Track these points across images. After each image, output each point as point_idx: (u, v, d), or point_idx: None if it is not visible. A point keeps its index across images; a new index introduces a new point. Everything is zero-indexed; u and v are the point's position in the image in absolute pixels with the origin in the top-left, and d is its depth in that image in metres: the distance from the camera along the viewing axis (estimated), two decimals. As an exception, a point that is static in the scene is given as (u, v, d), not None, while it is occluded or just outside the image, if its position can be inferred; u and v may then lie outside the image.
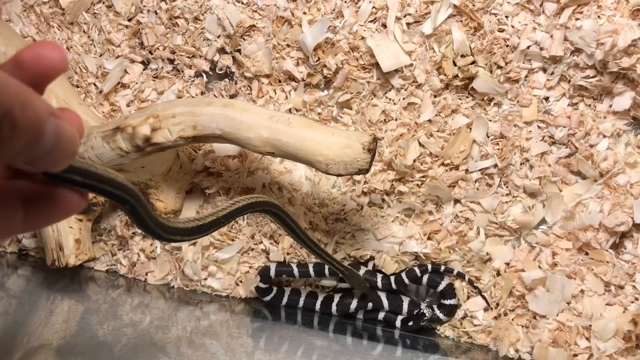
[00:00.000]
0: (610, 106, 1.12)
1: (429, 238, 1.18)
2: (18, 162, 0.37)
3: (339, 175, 0.98)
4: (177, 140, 1.05)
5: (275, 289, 1.25)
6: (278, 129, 0.99)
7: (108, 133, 1.09)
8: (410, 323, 1.17)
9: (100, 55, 1.36)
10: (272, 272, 1.22)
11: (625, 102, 1.10)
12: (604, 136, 1.12)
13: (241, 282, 1.28)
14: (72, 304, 1.22)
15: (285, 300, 1.25)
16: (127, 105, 1.33)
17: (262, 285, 1.23)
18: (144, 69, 1.34)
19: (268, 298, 1.24)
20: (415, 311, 1.17)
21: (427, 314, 1.15)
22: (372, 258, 1.21)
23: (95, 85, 1.35)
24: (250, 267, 1.27)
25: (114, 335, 1.09)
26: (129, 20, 1.35)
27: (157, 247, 1.31)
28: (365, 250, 1.20)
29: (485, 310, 1.16)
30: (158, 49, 1.32)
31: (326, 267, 1.20)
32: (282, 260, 1.24)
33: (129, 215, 0.53)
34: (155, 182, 1.21)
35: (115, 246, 1.34)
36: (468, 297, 1.18)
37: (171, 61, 1.33)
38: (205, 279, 1.28)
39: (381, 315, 1.21)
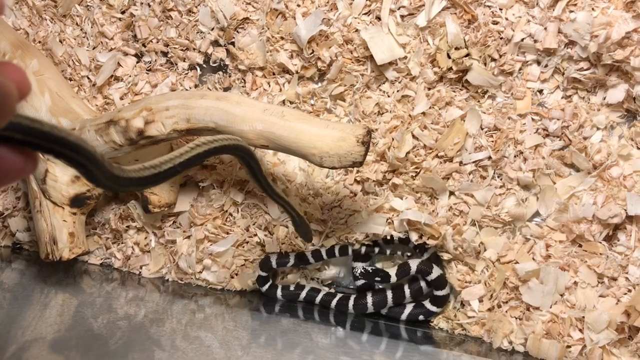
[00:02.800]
0: (604, 98, 1.12)
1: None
2: None
3: (333, 168, 0.98)
4: (171, 133, 1.05)
5: (279, 285, 1.26)
6: (272, 122, 0.99)
7: (101, 126, 1.09)
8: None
9: (94, 48, 1.35)
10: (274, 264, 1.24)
11: (618, 94, 1.10)
12: (598, 128, 1.12)
13: (236, 274, 1.28)
14: (66, 298, 1.22)
15: (302, 296, 1.25)
16: (121, 99, 1.33)
17: (263, 274, 1.24)
18: (137, 62, 1.34)
19: (279, 294, 1.25)
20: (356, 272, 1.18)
21: (358, 271, 1.17)
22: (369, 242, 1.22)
23: (88, 78, 1.35)
24: (245, 260, 1.27)
25: (109, 328, 1.09)
26: (122, 12, 1.34)
27: (151, 241, 1.31)
28: (359, 234, 1.20)
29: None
30: (151, 41, 1.32)
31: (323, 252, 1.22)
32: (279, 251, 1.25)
33: (83, 175, 0.49)
34: (149, 176, 1.20)
35: (110, 239, 1.34)
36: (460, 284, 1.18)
37: (165, 54, 1.32)
38: (200, 272, 1.28)
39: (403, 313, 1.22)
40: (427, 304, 1.19)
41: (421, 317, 1.20)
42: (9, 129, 0.39)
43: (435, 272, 1.15)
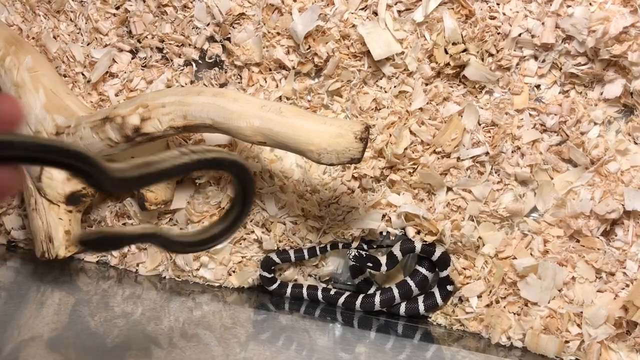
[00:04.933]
0: (601, 93, 1.12)
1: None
2: None
3: (331, 164, 0.98)
4: (167, 130, 1.04)
5: (289, 283, 1.26)
6: (269, 118, 0.98)
7: (97, 123, 1.08)
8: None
9: (88, 44, 1.34)
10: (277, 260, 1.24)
11: (616, 89, 1.10)
12: (595, 123, 1.12)
13: (234, 272, 1.28)
14: (62, 296, 1.21)
15: (304, 293, 1.25)
16: (116, 95, 1.31)
17: (268, 275, 1.24)
18: (132, 58, 1.33)
19: (287, 294, 1.25)
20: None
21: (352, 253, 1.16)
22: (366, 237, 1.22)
23: (83, 74, 1.33)
24: (242, 257, 1.26)
25: (106, 326, 1.08)
26: (117, 8, 1.33)
27: (148, 238, 1.30)
28: (356, 230, 1.20)
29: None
30: (146, 37, 1.30)
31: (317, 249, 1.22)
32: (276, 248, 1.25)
33: (83, 179, 0.50)
34: (145, 173, 1.19)
35: (106, 237, 1.33)
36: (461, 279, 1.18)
37: (160, 50, 1.31)
38: (197, 269, 1.28)
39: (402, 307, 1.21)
40: (436, 291, 1.19)
41: (440, 302, 1.19)
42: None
43: (438, 250, 1.16)
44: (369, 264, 1.16)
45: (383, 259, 1.16)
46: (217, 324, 1.14)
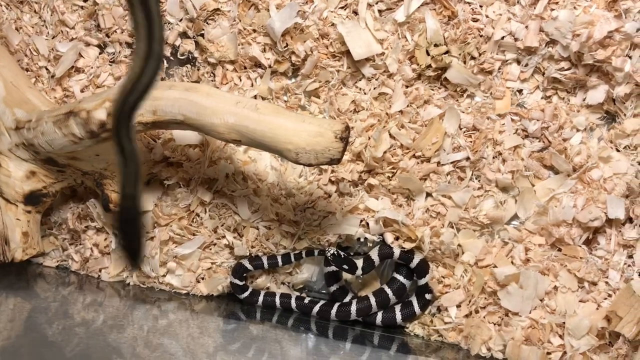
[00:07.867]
0: (584, 99, 1.10)
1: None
2: None
3: (309, 165, 0.93)
4: (135, 126, 0.98)
5: (262, 292, 1.21)
6: (245, 115, 0.93)
7: (60, 117, 1.02)
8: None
9: (53, 38, 1.28)
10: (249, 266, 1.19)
11: (599, 95, 1.08)
12: (578, 130, 1.10)
13: (202, 278, 1.22)
14: (18, 302, 1.15)
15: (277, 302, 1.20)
16: (82, 91, 1.25)
17: (239, 282, 1.19)
18: (100, 53, 1.27)
19: (259, 302, 1.20)
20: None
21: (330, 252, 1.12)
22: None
23: (47, 69, 1.27)
24: (212, 263, 1.21)
25: (65, 335, 1.03)
26: (85, 0, 1.27)
27: (112, 242, 1.23)
28: (333, 235, 1.16)
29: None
30: (115, 31, 1.25)
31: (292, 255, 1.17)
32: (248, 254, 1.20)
33: None
34: (110, 172, 1.14)
35: (67, 240, 1.27)
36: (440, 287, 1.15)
37: (129, 45, 1.26)
38: (164, 275, 1.22)
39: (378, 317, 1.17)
40: (414, 299, 1.15)
41: (418, 311, 1.15)
42: None
43: (417, 257, 1.12)
44: (345, 266, 1.11)
45: (359, 262, 1.12)
46: (184, 333, 1.09)
